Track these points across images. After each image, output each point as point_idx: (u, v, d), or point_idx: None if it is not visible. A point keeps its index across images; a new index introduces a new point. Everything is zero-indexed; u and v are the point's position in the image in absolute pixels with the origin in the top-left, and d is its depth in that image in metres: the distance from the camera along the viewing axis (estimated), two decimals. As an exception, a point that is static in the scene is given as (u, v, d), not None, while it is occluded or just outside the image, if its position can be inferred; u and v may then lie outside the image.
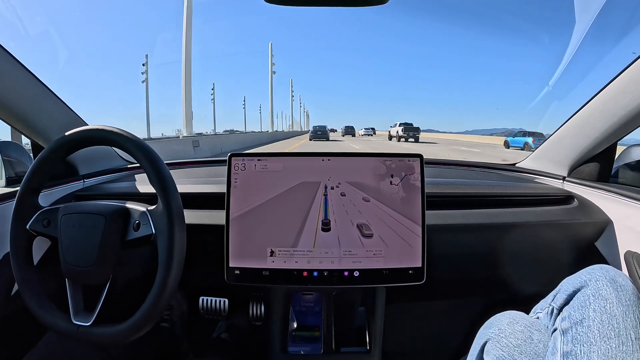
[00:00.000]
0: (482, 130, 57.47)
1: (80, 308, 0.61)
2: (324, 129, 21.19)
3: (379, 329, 0.75)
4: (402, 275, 0.66)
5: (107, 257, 0.59)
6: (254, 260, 0.66)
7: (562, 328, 0.44)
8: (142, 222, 0.60)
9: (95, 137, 0.63)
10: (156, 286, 0.56)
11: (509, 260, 0.81)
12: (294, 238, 0.66)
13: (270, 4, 0.56)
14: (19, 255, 0.62)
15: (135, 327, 0.57)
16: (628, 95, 0.71)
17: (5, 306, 0.70)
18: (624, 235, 0.76)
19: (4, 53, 0.68)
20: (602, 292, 0.42)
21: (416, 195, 0.66)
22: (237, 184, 0.66)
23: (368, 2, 0.55)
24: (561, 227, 0.81)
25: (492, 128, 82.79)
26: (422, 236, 0.66)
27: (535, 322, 0.51)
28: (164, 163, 0.61)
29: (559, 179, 0.96)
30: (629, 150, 0.89)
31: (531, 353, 0.46)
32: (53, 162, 0.64)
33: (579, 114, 0.85)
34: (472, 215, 0.79)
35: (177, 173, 0.79)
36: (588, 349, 0.40)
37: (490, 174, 1.10)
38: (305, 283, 0.66)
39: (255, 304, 0.79)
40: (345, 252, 0.66)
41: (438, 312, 1.01)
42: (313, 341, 0.76)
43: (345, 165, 0.67)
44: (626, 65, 0.70)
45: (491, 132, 45.78)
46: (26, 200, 0.63)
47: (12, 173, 0.83)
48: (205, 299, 0.83)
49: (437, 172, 1.09)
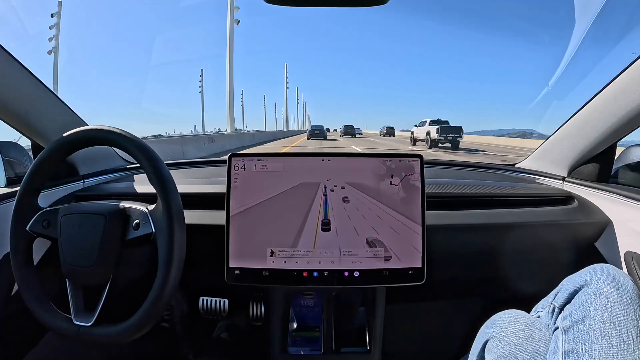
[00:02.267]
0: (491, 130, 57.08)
1: (81, 308, 0.61)
2: (321, 129, 21.97)
3: (379, 329, 0.75)
4: (402, 275, 0.66)
5: (107, 257, 0.59)
6: (254, 260, 0.66)
7: (563, 326, 0.44)
8: (142, 222, 0.60)
9: (95, 137, 0.63)
10: (156, 286, 0.56)
11: (509, 260, 0.81)
12: (294, 238, 0.66)
13: (270, 4, 0.56)
14: (19, 256, 0.62)
15: (136, 327, 0.57)
16: (628, 95, 0.71)
17: (5, 306, 0.70)
18: (624, 236, 0.76)
19: (4, 53, 0.68)
20: (603, 291, 0.42)
21: (416, 196, 0.66)
22: (237, 184, 0.66)
23: (368, 3, 0.55)
24: (561, 227, 0.81)
25: (502, 128, 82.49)
26: (422, 236, 0.66)
27: (536, 320, 0.51)
28: (163, 163, 0.61)
29: (558, 179, 0.96)
30: (628, 151, 0.89)
31: (532, 351, 0.46)
32: (53, 162, 0.64)
33: (579, 114, 0.85)
34: (472, 216, 0.79)
35: (177, 173, 0.79)
36: (589, 347, 0.40)
37: (490, 174, 1.10)
38: (305, 283, 0.66)
39: (255, 304, 0.79)
40: (345, 252, 0.66)
41: (438, 312, 1.00)
42: (313, 341, 0.76)
43: (345, 166, 0.67)
44: (626, 66, 0.70)
45: (501, 132, 45.33)
46: (26, 201, 0.63)
47: (12, 173, 0.83)
48: (205, 299, 0.83)
49: (437, 172, 1.09)
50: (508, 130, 61.86)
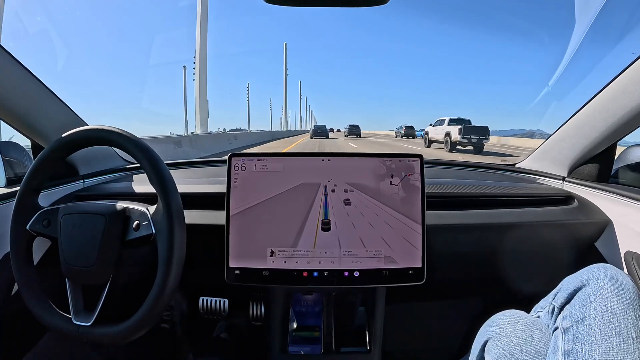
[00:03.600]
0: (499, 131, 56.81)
1: (81, 308, 0.61)
2: (324, 128, 22.63)
3: (379, 329, 0.75)
4: (402, 275, 0.66)
5: (107, 257, 0.59)
6: (254, 260, 0.66)
7: (563, 326, 0.44)
8: (142, 222, 0.60)
9: (95, 137, 0.63)
10: (156, 286, 0.56)
11: (509, 260, 0.81)
12: (294, 238, 0.66)
13: (270, 4, 0.56)
14: (19, 255, 0.62)
15: (136, 327, 0.57)
16: (628, 95, 0.71)
17: (5, 306, 0.70)
18: (624, 236, 0.76)
19: (4, 53, 0.68)
20: (602, 291, 0.42)
21: (416, 196, 0.66)
22: (237, 184, 0.66)
23: (368, 3, 0.55)
24: (561, 227, 0.81)
25: (510, 129, 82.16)
26: (422, 236, 0.66)
27: (536, 320, 0.51)
28: (164, 163, 0.61)
29: (558, 179, 0.96)
30: (628, 151, 0.89)
31: (532, 352, 0.46)
32: (53, 162, 0.64)
33: (579, 114, 0.85)
34: (472, 216, 0.79)
35: (177, 173, 0.79)
36: (589, 347, 0.40)
37: (490, 174, 1.10)
38: (305, 283, 0.66)
39: (255, 304, 0.79)
40: (346, 252, 0.66)
41: (438, 312, 1.00)
42: (313, 341, 0.76)
43: (345, 166, 0.67)
44: (626, 66, 0.70)
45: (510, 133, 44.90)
46: (26, 200, 0.63)
47: (12, 173, 0.83)
48: (205, 299, 0.83)
49: (437, 172, 1.09)
50: (517, 130, 61.57)
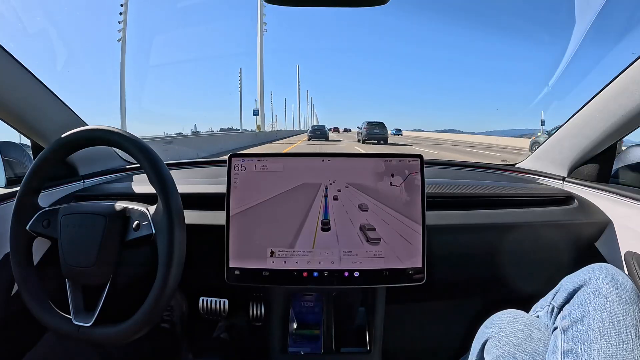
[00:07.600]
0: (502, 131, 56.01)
1: (81, 308, 0.61)
2: (323, 129, 19.98)
3: (379, 329, 0.75)
4: (403, 275, 0.66)
5: (107, 257, 0.59)
6: (254, 260, 0.66)
7: (562, 326, 0.44)
8: (142, 222, 0.60)
9: (95, 137, 0.63)
10: (156, 286, 0.56)
11: (509, 260, 0.81)
12: (293, 238, 0.65)
13: (270, 4, 0.56)
14: (19, 255, 0.62)
15: (136, 328, 0.57)
16: (628, 95, 0.71)
17: (5, 306, 0.70)
18: (624, 236, 0.76)
19: (4, 53, 0.68)
20: (602, 291, 0.42)
21: (416, 196, 0.66)
22: (237, 184, 0.66)
23: (368, 3, 0.55)
24: (561, 227, 0.81)
25: (514, 129, 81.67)
26: (423, 236, 0.66)
27: (535, 320, 0.51)
28: (163, 163, 0.61)
29: (558, 180, 0.96)
30: (628, 151, 0.89)
31: (531, 351, 0.46)
32: (53, 162, 0.64)
33: (579, 114, 0.85)
34: (472, 216, 0.79)
35: (177, 173, 0.79)
36: (588, 347, 0.40)
37: (490, 174, 1.10)
38: (305, 283, 0.66)
39: (255, 305, 0.79)
40: (345, 252, 0.65)
41: (438, 312, 1.00)
42: (313, 341, 0.76)
43: (345, 166, 0.67)
44: (626, 66, 0.70)
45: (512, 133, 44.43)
46: (26, 200, 0.63)
47: (12, 173, 0.83)
48: (205, 300, 0.83)
49: (437, 172, 1.09)
50: (521, 130, 61.03)
